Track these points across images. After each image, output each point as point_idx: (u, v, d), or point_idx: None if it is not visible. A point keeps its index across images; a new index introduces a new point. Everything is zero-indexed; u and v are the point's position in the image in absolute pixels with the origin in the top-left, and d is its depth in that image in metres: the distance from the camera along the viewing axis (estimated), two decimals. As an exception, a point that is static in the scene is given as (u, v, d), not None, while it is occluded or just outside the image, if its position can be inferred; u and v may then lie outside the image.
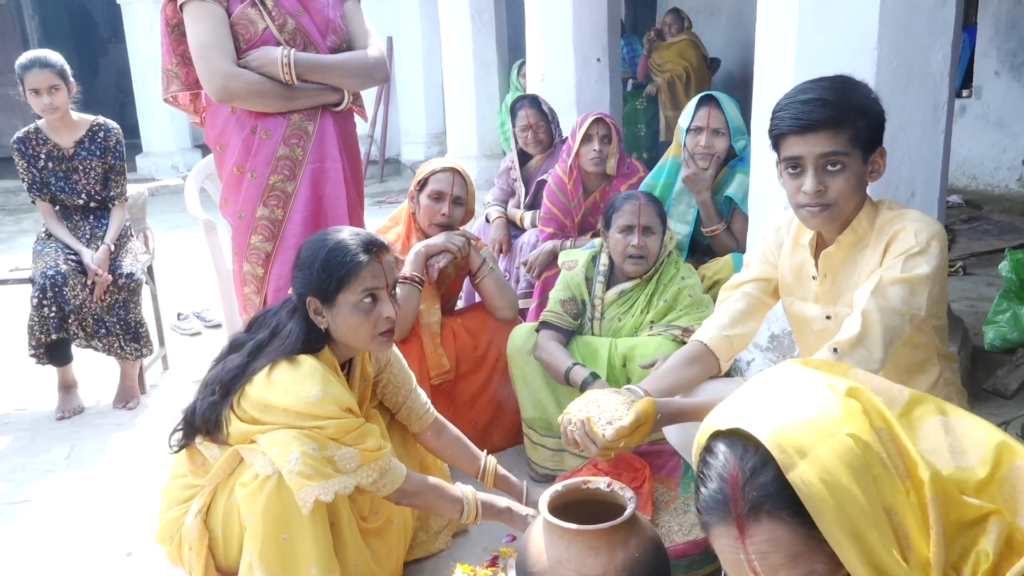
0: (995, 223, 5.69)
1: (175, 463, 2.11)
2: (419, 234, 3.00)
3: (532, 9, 4.91)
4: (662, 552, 1.75)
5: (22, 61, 3.45)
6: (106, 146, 3.61)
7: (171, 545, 2.04)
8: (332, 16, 2.54)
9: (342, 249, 1.94)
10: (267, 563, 1.82)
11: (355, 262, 1.93)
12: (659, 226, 2.70)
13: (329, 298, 1.95)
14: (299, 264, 2.01)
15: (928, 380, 1.87)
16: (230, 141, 2.53)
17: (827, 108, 1.69)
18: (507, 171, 4.19)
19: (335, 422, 1.85)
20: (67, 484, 2.93)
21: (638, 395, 1.84)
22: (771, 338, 2.68)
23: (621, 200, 2.75)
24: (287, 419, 1.84)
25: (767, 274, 2.03)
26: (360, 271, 1.93)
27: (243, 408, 1.90)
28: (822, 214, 1.75)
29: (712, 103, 3.12)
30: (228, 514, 1.93)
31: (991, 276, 4.33)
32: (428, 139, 9.82)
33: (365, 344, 2.02)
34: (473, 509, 2.13)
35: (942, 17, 2.37)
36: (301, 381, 1.86)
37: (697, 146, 3.11)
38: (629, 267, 2.71)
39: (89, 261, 3.46)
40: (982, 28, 6.53)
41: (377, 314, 1.97)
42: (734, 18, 9.01)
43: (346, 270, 1.92)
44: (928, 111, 2.44)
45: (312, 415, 1.83)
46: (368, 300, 1.96)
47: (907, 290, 1.68)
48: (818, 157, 1.71)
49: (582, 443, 1.74)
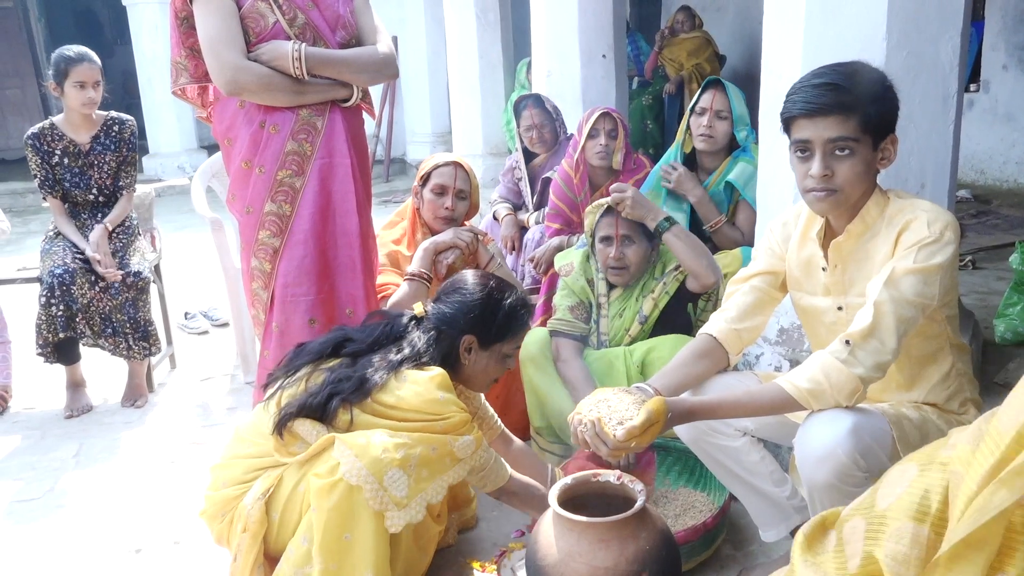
0: (1004, 217, 5.66)
1: (236, 442, 2.11)
2: (424, 229, 3.00)
3: (537, 7, 4.91)
4: (672, 544, 1.74)
5: (68, 54, 3.49)
6: (121, 138, 3.66)
7: (221, 523, 2.04)
8: (342, 11, 2.54)
9: (525, 309, 2.20)
10: (326, 557, 1.83)
11: (525, 321, 2.20)
12: (639, 235, 2.67)
13: (489, 343, 2.14)
14: (473, 303, 2.13)
15: (941, 370, 1.86)
16: (238, 135, 2.53)
17: (838, 92, 1.68)
18: (511, 170, 4.18)
19: (455, 414, 1.95)
20: (76, 482, 2.93)
21: (648, 394, 1.83)
22: (780, 332, 2.67)
23: (602, 212, 2.72)
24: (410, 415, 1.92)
25: (775, 267, 2.01)
26: (527, 330, 2.22)
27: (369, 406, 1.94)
28: (828, 199, 1.75)
29: (718, 86, 3.17)
30: (291, 500, 1.94)
31: (1001, 270, 4.31)
32: (434, 138, 9.82)
33: (483, 384, 2.22)
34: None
35: (951, 7, 2.35)
36: (429, 383, 1.96)
37: (700, 127, 3.15)
38: (611, 277, 2.72)
39: (87, 247, 3.48)
40: (990, 22, 6.51)
41: (508, 364, 2.23)
42: (740, 15, 9.00)
43: (522, 328, 2.20)
44: (937, 102, 2.43)
45: (434, 412, 1.92)
46: (513, 353, 2.21)
47: (921, 280, 1.67)
48: (826, 141, 1.71)
49: (592, 444, 1.72)
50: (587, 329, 2.76)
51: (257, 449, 2.04)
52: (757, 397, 1.77)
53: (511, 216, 4.01)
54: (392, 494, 1.83)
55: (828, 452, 1.65)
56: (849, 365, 1.66)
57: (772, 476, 2.05)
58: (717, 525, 2.19)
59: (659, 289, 2.67)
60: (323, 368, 2.03)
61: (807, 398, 1.69)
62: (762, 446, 2.06)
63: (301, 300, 2.55)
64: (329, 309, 2.54)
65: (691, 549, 2.13)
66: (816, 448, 1.67)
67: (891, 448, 1.70)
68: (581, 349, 2.72)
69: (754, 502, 2.10)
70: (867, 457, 1.65)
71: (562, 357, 2.69)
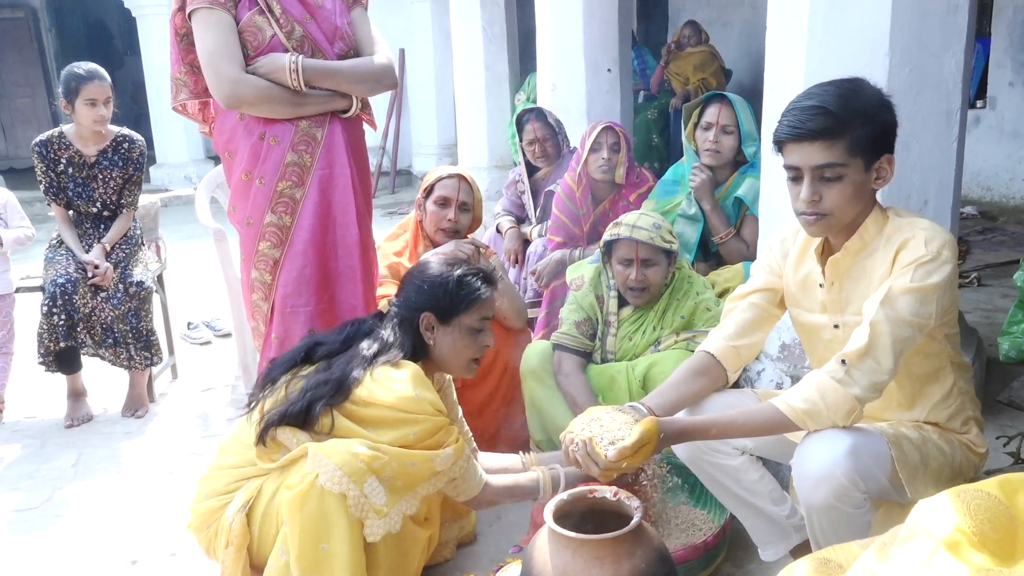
0: (1010, 234, 5.64)
1: (220, 453, 2.14)
2: (426, 241, 3.00)
3: (543, 20, 4.92)
4: (669, 562, 1.72)
5: (79, 72, 3.49)
6: (129, 157, 3.66)
7: (206, 533, 2.05)
8: (339, 23, 2.55)
9: (474, 276, 2.16)
10: (304, 569, 1.84)
11: (483, 289, 2.15)
12: (660, 257, 2.65)
13: (448, 318, 2.12)
14: (423, 280, 2.16)
15: (942, 389, 1.84)
16: (238, 148, 2.53)
17: (825, 117, 1.66)
18: (514, 183, 4.18)
19: (430, 418, 1.95)
20: (74, 492, 2.92)
21: (642, 413, 1.81)
22: (782, 347, 2.65)
23: (617, 236, 2.66)
24: (385, 414, 1.93)
25: (773, 284, 2.00)
26: (483, 303, 2.15)
27: (347, 408, 1.95)
28: (818, 223, 1.74)
29: (723, 100, 3.16)
30: (269, 511, 1.95)
31: (1006, 287, 4.29)
32: (440, 150, 9.84)
33: (460, 365, 2.18)
34: (549, 490, 2.18)
35: (954, 24, 2.35)
36: (403, 381, 1.97)
37: (705, 142, 3.14)
38: (631, 299, 2.69)
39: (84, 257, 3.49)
40: (996, 39, 6.50)
41: (481, 341, 2.17)
42: (746, 30, 9.01)
43: (475, 296, 2.14)
44: (941, 118, 2.42)
45: (409, 410, 1.93)
46: (481, 331, 2.16)
47: (917, 300, 1.65)
48: (813, 168, 1.69)
49: (584, 464, 1.71)
50: (591, 346, 2.75)
51: (239, 459, 2.06)
52: (751, 417, 1.75)
53: (514, 229, 4.01)
54: (373, 502, 1.84)
55: (826, 473, 1.63)
56: (845, 385, 1.64)
57: (771, 495, 2.03)
58: (718, 543, 2.17)
59: (681, 337, 2.63)
60: (300, 376, 2.05)
61: (803, 418, 1.68)
62: (761, 464, 2.04)
63: (301, 311, 2.55)
64: (329, 320, 2.54)
65: (691, 568, 2.11)
66: (814, 469, 1.65)
67: (890, 469, 1.68)
68: (583, 364, 2.71)
69: (753, 521, 2.07)
70: (866, 478, 1.63)
71: (564, 371, 2.67)
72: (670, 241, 2.66)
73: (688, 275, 2.75)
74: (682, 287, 2.71)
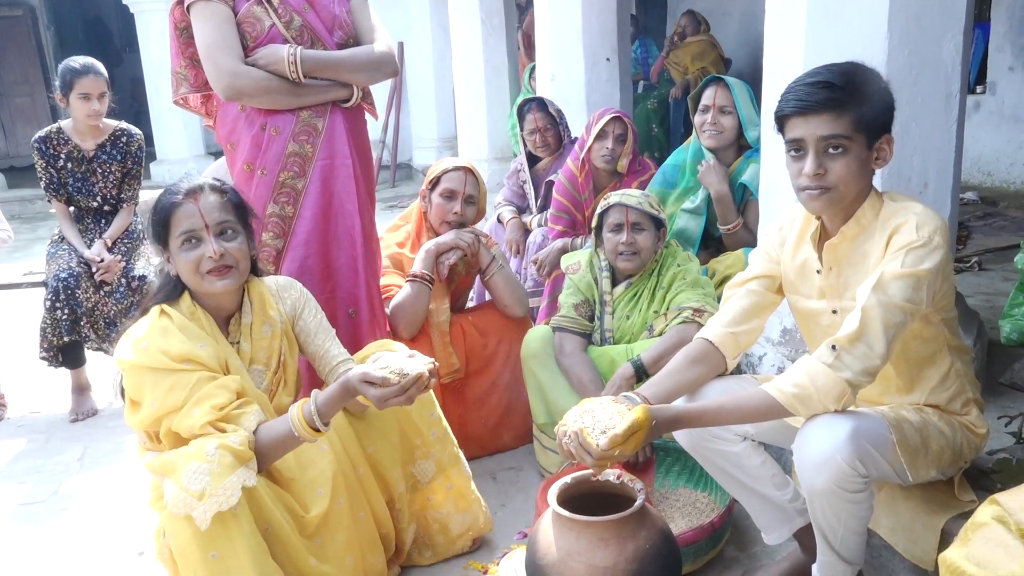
0: (1011, 219, 5.63)
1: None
2: (430, 233, 3.00)
3: (541, 11, 4.92)
4: (672, 543, 1.74)
5: (74, 66, 3.49)
6: (127, 151, 3.66)
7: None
8: (338, 12, 2.55)
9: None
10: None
11: (170, 203, 1.99)
12: (649, 223, 2.69)
13: (164, 244, 2.02)
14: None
15: (939, 372, 1.84)
16: (240, 139, 2.53)
17: (831, 90, 1.68)
18: (516, 173, 4.18)
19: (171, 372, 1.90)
20: (80, 485, 2.94)
21: (635, 402, 1.81)
22: (783, 332, 2.66)
23: (608, 205, 2.74)
24: (131, 376, 1.92)
25: (771, 271, 2.00)
26: (175, 213, 1.98)
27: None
28: (821, 197, 1.74)
29: (719, 83, 3.18)
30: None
31: (1007, 271, 4.29)
32: (440, 143, 9.84)
33: (198, 285, 2.02)
34: (301, 424, 1.91)
35: (953, 7, 2.35)
36: (136, 333, 1.96)
37: (704, 124, 3.16)
38: (622, 264, 2.71)
39: (87, 253, 3.50)
40: (996, 24, 6.48)
41: (199, 254, 1.98)
42: (746, 20, 8.99)
43: (165, 214, 1.99)
44: (940, 101, 2.42)
45: (143, 365, 1.91)
46: (190, 242, 1.99)
47: (909, 285, 1.65)
48: (819, 139, 1.70)
49: (577, 454, 1.71)
50: (591, 327, 2.76)
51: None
52: (744, 403, 1.76)
53: (515, 219, 4.01)
54: (192, 490, 1.73)
55: (827, 458, 1.63)
56: (835, 369, 1.64)
57: (774, 480, 2.04)
58: (723, 524, 2.19)
59: (671, 315, 2.65)
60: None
61: (793, 403, 1.68)
62: (763, 450, 2.04)
63: (303, 302, 2.54)
64: (331, 310, 2.54)
65: (697, 549, 2.12)
66: (815, 454, 1.65)
67: (891, 452, 1.68)
68: (584, 345, 2.72)
69: (756, 506, 2.08)
70: (867, 462, 1.64)
71: (566, 351, 2.69)
72: (658, 209, 2.72)
73: (674, 251, 2.79)
74: (668, 263, 2.76)
